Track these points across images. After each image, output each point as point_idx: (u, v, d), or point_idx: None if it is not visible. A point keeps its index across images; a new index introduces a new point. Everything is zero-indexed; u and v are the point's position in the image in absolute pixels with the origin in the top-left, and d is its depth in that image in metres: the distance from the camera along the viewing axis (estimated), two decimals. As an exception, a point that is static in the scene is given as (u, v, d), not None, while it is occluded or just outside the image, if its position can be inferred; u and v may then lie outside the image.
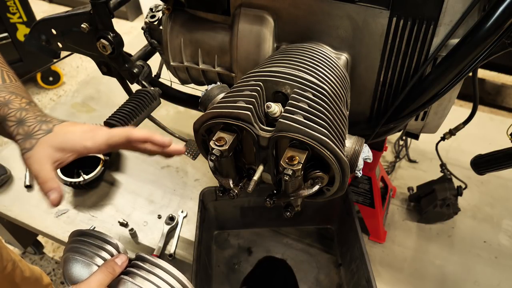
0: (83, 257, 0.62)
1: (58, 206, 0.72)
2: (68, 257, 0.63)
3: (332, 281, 1.19)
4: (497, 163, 0.92)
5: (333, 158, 0.61)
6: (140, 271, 0.61)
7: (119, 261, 0.61)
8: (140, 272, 0.61)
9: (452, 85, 0.74)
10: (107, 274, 0.59)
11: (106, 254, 0.63)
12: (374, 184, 1.16)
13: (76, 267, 0.62)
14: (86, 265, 0.62)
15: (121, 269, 0.61)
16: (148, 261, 0.62)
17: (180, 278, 0.61)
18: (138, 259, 0.63)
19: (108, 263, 0.61)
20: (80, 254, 0.63)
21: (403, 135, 1.52)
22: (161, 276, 0.60)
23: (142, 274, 0.61)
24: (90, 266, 0.61)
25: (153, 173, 1.48)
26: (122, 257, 0.63)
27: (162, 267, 0.61)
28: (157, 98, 0.96)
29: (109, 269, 0.60)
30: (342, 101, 0.74)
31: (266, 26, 0.85)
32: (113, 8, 0.92)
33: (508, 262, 1.21)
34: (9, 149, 1.57)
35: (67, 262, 0.64)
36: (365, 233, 1.27)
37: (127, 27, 3.38)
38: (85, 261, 0.62)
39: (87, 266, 0.62)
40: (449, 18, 0.71)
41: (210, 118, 0.68)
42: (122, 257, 0.63)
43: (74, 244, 0.64)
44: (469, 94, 0.95)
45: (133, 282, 0.60)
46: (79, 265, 0.62)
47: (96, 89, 1.86)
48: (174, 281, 0.61)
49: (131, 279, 0.60)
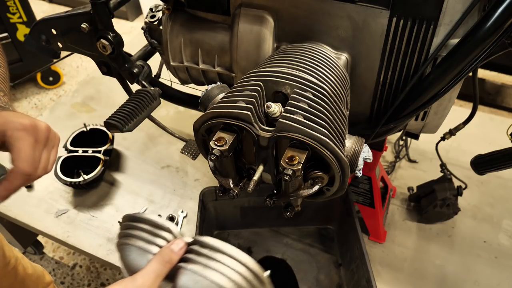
0: (137, 245, 0.57)
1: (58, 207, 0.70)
2: (122, 244, 0.59)
3: (332, 281, 1.19)
4: (497, 163, 0.92)
5: (333, 158, 0.61)
6: (200, 258, 0.55)
7: (176, 248, 0.56)
8: (200, 259, 0.54)
9: (452, 85, 0.74)
10: (164, 263, 0.54)
11: (161, 241, 0.57)
12: (374, 184, 1.16)
13: (131, 255, 0.57)
14: (141, 253, 0.57)
15: (179, 256, 0.56)
16: (207, 245, 0.55)
17: (247, 263, 0.54)
18: (196, 244, 0.57)
19: (164, 251, 0.56)
20: (134, 240, 0.58)
21: (403, 135, 1.52)
22: (224, 262, 0.53)
23: (202, 261, 0.54)
24: (146, 254, 0.56)
25: (153, 173, 1.48)
26: (179, 243, 0.57)
27: (224, 251, 0.54)
28: (157, 98, 0.96)
29: (165, 257, 0.55)
30: (342, 101, 0.74)
31: (266, 26, 0.85)
32: (113, 8, 0.92)
33: (508, 262, 1.21)
34: (9, 149, 1.57)
35: (121, 250, 0.59)
36: (365, 233, 1.27)
37: (127, 27, 3.38)
38: (139, 249, 0.57)
39: (142, 254, 0.57)
40: (449, 18, 0.71)
41: (210, 118, 0.68)
42: (178, 243, 0.57)
43: (127, 230, 0.60)
44: (469, 94, 0.95)
45: (193, 271, 0.54)
46: (134, 253, 0.57)
47: (96, 89, 1.86)
48: (240, 266, 0.54)
49: (190, 266, 0.54)
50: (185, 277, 0.54)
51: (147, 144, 1.59)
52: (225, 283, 0.52)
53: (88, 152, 1.42)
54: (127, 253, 0.58)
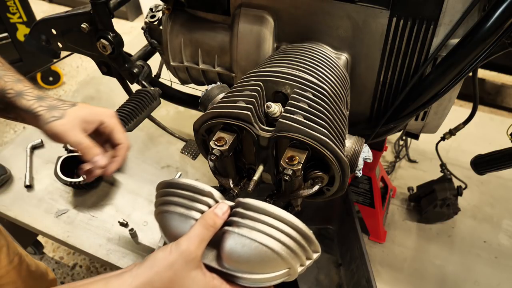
0: (178, 211, 0.55)
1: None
2: (162, 212, 0.57)
3: (332, 281, 1.19)
4: (497, 163, 0.92)
5: (333, 158, 0.61)
6: (245, 220, 0.53)
7: (219, 212, 0.54)
8: (246, 222, 0.52)
9: (452, 85, 0.74)
10: (208, 227, 0.53)
11: (203, 206, 0.55)
12: (374, 184, 1.16)
13: (172, 222, 0.56)
14: (182, 219, 0.55)
15: (222, 220, 0.54)
16: (252, 208, 0.53)
17: (294, 223, 0.52)
18: (240, 206, 0.55)
19: (207, 215, 0.54)
20: (174, 207, 0.56)
21: (403, 135, 1.52)
22: (271, 223, 0.52)
23: (248, 224, 0.52)
24: (188, 220, 0.55)
25: (153, 173, 1.48)
26: (223, 206, 0.55)
27: (270, 212, 0.52)
28: (157, 98, 0.96)
29: (209, 221, 0.53)
30: (342, 101, 0.74)
31: (266, 26, 0.85)
32: (113, 8, 0.92)
33: (508, 262, 1.21)
34: (9, 149, 1.57)
35: (161, 218, 0.57)
36: (365, 233, 1.27)
37: (127, 27, 3.37)
38: (180, 216, 0.55)
39: (184, 220, 0.55)
40: (449, 18, 0.71)
41: (210, 118, 0.68)
42: (222, 207, 0.55)
43: (165, 197, 0.58)
44: (469, 94, 0.95)
45: (240, 233, 0.52)
46: (175, 220, 0.55)
47: (96, 89, 1.86)
48: (287, 227, 0.52)
49: (237, 230, 0.52)
50: (231, 241, 0.53)
51: (147, 144, 1.59)
52: (273, 244, 0.51)
53: (88, 152, 1.41)
54: (167, 221, 0.56)
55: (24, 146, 1.55)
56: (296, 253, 0.53)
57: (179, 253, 0.51)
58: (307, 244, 0.55)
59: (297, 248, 0.53)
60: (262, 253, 0.51)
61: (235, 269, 0.54)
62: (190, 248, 0.51)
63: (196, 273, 0.52)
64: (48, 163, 1.51)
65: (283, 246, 0.52)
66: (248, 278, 0.54)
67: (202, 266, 0.54)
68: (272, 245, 0.51)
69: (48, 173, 1.46)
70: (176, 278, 0.51)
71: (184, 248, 0.51)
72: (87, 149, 0.66)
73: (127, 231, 1.26)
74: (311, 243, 0.55)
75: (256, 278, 0.54)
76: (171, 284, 0.51)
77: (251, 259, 0.52)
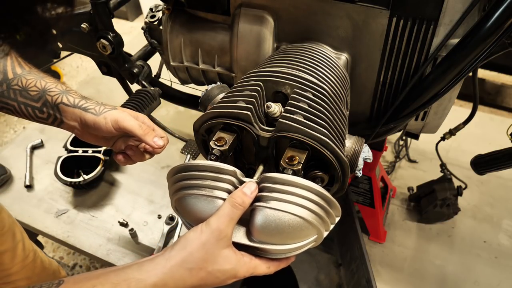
0: (203, 193, 0.55)
1: None
2: (184, 197, 0.56)
3: (332, 281, 1.19)
4: (497, 163, 0.92)
5: (333, 158, 0.61)
6: (274, 194, 0.53)
7: (248, 191, 0.54)
8: (274, 195, 0.53)
9: (452, 85, 0.74)
10: (237, 206, 0.53)
11: (227, 185, 0.55)
12: (374, 184, 1.16)
13: (197, 204, 0.55)
14: (208, 201, 0.55)
15: (251, 199, 0.54)
16: (279, 181, 0.53)
17: (319, 190, 0.53)
18: (267, 181, 0.55)
19: (236, 194, 0.54)
20: (196, 189, 0.55)
21: (403, 135, 1.52)
22: (298, 193, 0.53)
23: (277, 196, 0.53)
24: (214, 201, 0.54)
25: (153, 173, 1.48)
26: (251, 185, 0.55)
27: (296, 183, 0.53)
28: (157, 98, 0.96)
29: (238, 200, 0.54)
30: (342, 101, 0.74)
31: (266, 26, 0.85)
32: (113, 8, 0.92)
33: (508, 262, 1.21)
34: (9, 149, 1.57)
35: (184, 203, 0.57)
36: (365, 233, 1.27)
37: (127, 27, 3.37)
38: (206, 197, 0.54)
39: (210, 202, 0.54)
40: (449, 18, 0.71)
41: (210, 118, 0.68)
42: (250, 186, 0.55)
43: (185, 181, 0.57)
44: (469, 94, 0.95)
45: (271, 207, 0.52)
46: (200, 202, 0.55)
47: (96, 89, 1.86)
48: (313, 195, 0.53)
49: (267, 204, 0.53)
50: (263, 216, 0.53)
51: (147, 144, 1.59)
52: (304, 214, 0.53)
53: (88, 152, 1.42)
54: (192, 204, 0.56)
55: (24, 146, 1.55)
56: (323, 219, 0.56)
57: (210, 232, 0.53)
58: (332, 209, 0.57)
59: (324, 214, 0.56)
60: (294, 224, 0.53)
61: (266, 242, 0.56)
62: (220, 227, 0.53)
63: (228, 251, 0.55)
64: (48, 163, 1.51)
65: (313, 214, 0.54)
66: (279, 249, 0.56)
67: (232, 245, 0.56)
68: (303, 214, 0.53)
69: (48, 173, 1.46)
70: (208, 257, 0.53)
71: (215, 227, 0.53)
72: (148, 130, 0.72)
73: (127, 231, 1.26)
74: (334, 208, 0.58)
75: (286, 249, 0.56)
76: (204, 263, 0.53)
77: (284, 231, 0.54)
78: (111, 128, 0.70)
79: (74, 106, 0.72)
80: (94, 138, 0.76)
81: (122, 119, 0.71)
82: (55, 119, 0.73)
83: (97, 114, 0.71)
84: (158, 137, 0.74)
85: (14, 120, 2.50)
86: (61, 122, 0.74)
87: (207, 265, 0.53)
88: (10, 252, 1.01)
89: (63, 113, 0.72)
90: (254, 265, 0.57)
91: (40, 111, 0.72)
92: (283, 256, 0.59)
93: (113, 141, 0.78)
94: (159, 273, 0.52)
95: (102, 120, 0.70)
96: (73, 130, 0.74)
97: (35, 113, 0.73)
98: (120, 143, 0.77)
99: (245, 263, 0.56)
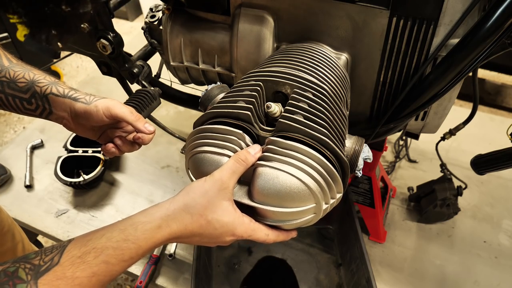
0: (211, 150, 0.60)
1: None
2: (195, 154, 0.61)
3: (332, 281, 1.19)
4: (497, 163, 0.92)
5: (333, 158, 0.61)
6: (276, 155, 0.57)
7: (252, 151, 0.59)
8: (276, 156, 0.57)
9: (452, 85, 0.74)
10: (240, 162, 0.57)
11: (234, 146, 0.60)
12: (374, 184, 1.16)
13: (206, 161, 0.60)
14: (216, 158, 0.60)
15: (254, 159, 0.59)
16: (282, 145, 0.58)
17: (323, 160, 0.57)
18: (271, 144, 0.59)
19: (240, 152, 0.59)
20: (207, 147, 0.60)
21: (403, 135, 1.52)
22: (300, 157, 0.56)
23: (279, 158, 0.56)
24: (221, 158, 0.59)
25: (153, 173, 1.48)
26: (255, 147, 0.60)
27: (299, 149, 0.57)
28: (157, 98, 0.96)
29: (242, 156, 0.58)
30: (342, 101, 0.74)
31: (266, 26, 0.85)
32: (113, 8, 0.92)
33: (508, 262, 1.21)
34: (9, 149, 1.57)
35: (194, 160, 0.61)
36: (365, 233, 1.27)
37: (127, 27, 3.37)
38: (214, 154, 0.60)
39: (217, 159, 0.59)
40: (449, 18, 0.71)
41: (210, 118, 0.68)
42: (255, 147, 0.60)
43: (198, 141, 0.62)
44: (469, 94, 0.95)
45: (271, 166, 0.56)
46: (209, 159, 0.60)
47: (96, 89, 1.86)
48: (315, 163, 0.57)
49: (268, 163, 0.56)
50: (262, 174, 0.56)
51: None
52: (303, 176, 0.55)
53: (88, 152, 1.42)
54: (201, 161, 0.61)
55: (24, 146, 1.55)
56: (323, 188, 0.57)
57: (213, 182, 0.56)
58: (333, 182, 0.59)
59: (324, 184, 0.57)
60: (292, 185, 0.55)
61: (265, 203, 0.58)
62: (222, 178, 0.56)
63: (228, 204, 0.57)
64: (48, 163, 1.51)
65: (312, 179, 0.56)
66: (277, 211, 0.58)
67: (233, 200, 0.58)
68: (302, 177, 0.55)
69: (48, 173, 1.46)
70: (209, 205, 0.55)
71: (218, 177, 0.56)
72: (138, 117, 0.72)
73: (127, 231, 1.26)
74: (336, 183, 0.59)
75: (283, 212, 0.58)
76: (204, 210, 0.55)
77: (281, 191, 0.56)
78: (102, 116, 0.70)
79: (64, 96, 0.72)
80: (82, 129, 0.75)
81: (113, 106, 0.71)
82: (43, 110, 0.72)
83: (88, 103, 0.71)
84: (147, 123, 0.75)
85: (14, 120, 2.50)
86: (50, 113, 0.73)
87: (207, 213, 0.55)
88: (10, 252, 1.01)
89: (52, 103, 0.72)
90: (253, 227, 0.59)
91: (28, 102, 0.71)
92: (281, 224, 0.60)
93: (101, 133, 0.77)
94: (163, 215, 0.54)
95: (93, 108, 0.70)
96: (62, 120, 0.74)
97: (22, 105, 0.72)
98: (107, 134, 0.77)
99: (244, 223, 0.58)
